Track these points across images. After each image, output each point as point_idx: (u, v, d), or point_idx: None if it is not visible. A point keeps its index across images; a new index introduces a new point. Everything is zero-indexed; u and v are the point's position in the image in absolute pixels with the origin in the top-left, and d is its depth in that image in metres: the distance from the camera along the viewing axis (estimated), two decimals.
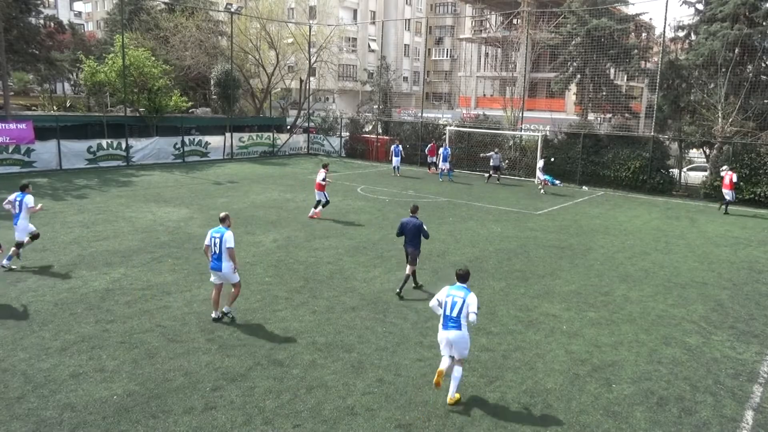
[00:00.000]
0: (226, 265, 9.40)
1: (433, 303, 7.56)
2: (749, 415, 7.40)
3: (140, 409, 6.95)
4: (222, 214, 9.72)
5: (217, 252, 9.38)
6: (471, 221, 18.58)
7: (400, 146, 29.57)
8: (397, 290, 11.24)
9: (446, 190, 24.94)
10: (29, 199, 12.04)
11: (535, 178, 28.79)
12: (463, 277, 7.56)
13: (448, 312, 7.31)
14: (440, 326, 7.47)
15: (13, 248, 12.03)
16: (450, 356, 7.41)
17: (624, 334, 9.79)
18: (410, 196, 23.01)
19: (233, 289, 9.69)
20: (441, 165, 28.35)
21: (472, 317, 7.21)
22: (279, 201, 20.79)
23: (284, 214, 18.43)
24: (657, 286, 12.59)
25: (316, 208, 18.14)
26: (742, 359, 9.00)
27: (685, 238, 17.53)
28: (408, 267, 11.40)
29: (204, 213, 18.08)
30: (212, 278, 9.68)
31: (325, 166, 18.52)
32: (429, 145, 31.23)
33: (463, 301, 7.24)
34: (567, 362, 8.64)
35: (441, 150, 28.66)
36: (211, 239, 9.46)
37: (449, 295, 7.36)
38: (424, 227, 11.45)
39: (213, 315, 9.68)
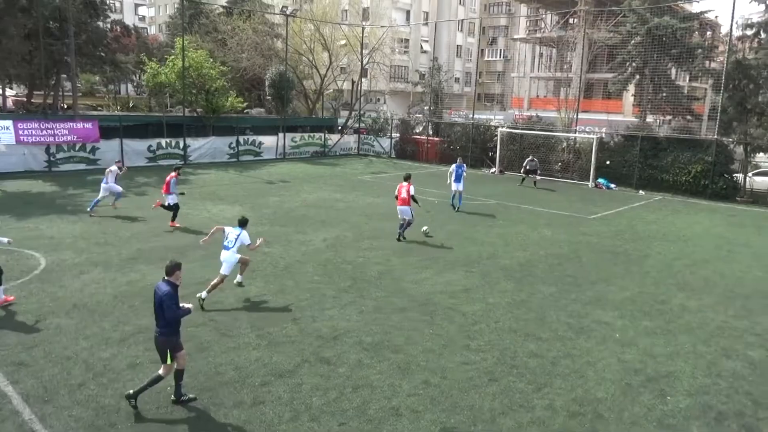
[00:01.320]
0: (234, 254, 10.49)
1: None
2: None
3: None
4: (241, 218, 10.98)
5: (231, 246, 10.48)
6: (521, 225, 18.27)
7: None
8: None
9: (497, 193, 24.62)
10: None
11: (589, 181, 28.13)
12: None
13: None
14: None
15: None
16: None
17: (681, 345, 9.41)
18: None
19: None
20: (454, 186, 20.08)
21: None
22: (329, 201, 21.04)
23: (334, 214, 18.63)
24: (718, 295, 12.04)
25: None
26: None
27: (751, 246, 16.69)
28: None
29: (257, 211, 18.48)
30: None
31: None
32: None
33: None
34: (619, 371, 8.38)
35: (453, 167, 20.33)
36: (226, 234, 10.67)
37: None
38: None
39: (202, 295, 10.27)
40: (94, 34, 39.07)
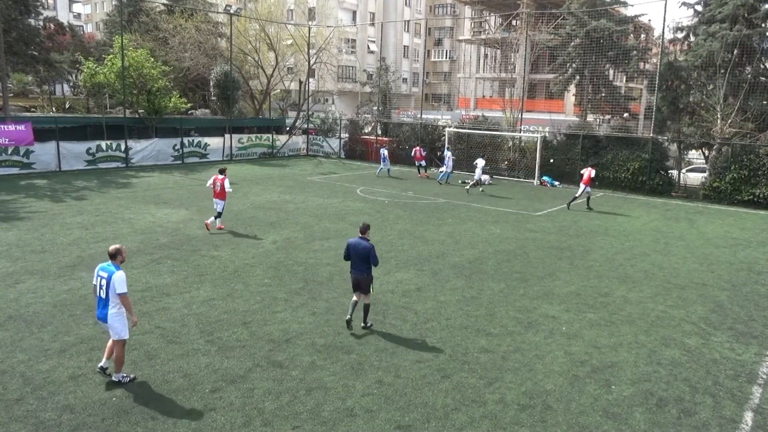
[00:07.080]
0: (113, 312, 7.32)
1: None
2: (749, 416, 7.40)
3: (139, 410, 6.94)
4: (113, 248, 7.71)
5: (104, 297, 7.41)
6: (470, 222, 18.58)
7: (386, 150, 29.58)
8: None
9: (445, 192, 24.94)
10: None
11: (534, 178, 28.86)
12: None
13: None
14: None
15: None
16: None
17: (623, 336, 9.79)
18: (409, 197, 23.00)
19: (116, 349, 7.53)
20: (443, 168, 28.06)
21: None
22: (278, 202, 20.79)
23: (283, 216, 18.43)
24: (656, 287, 12.59)
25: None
26: (741, 360, 9.00)
27: (685, 239, 17.54)
28: None
29: (203, 214, 18.06)
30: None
31: None
32: (414, 150, 30.32)
33: None
34: (566, 363, 8.64)
35: (447, 152, 28.42)
36: (97, 278, 7.52)
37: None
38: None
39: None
40: (25, 31, 37.21)
